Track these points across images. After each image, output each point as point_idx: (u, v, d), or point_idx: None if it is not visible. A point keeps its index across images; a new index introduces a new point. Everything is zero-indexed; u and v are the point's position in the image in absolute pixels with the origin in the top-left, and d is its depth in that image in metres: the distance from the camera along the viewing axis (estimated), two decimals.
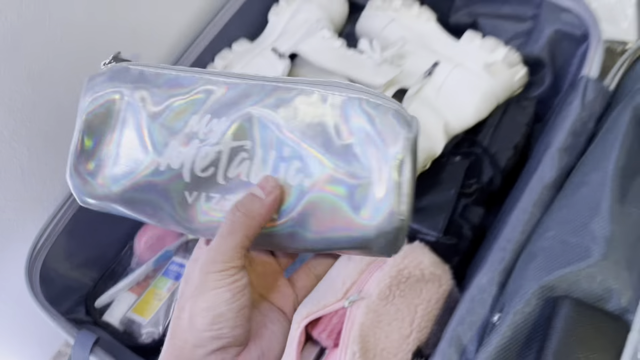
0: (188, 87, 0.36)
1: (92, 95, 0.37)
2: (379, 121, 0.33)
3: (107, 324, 0.68)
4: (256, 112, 0.35)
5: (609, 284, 0.50)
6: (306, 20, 0.79)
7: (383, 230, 0.34)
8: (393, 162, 0.33)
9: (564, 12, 0.71)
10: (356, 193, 0.34)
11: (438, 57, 0.73)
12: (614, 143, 0.58)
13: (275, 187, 0.34)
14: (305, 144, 0.34)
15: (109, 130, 0.37)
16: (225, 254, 0.33)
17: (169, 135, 0.36)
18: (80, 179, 0.37)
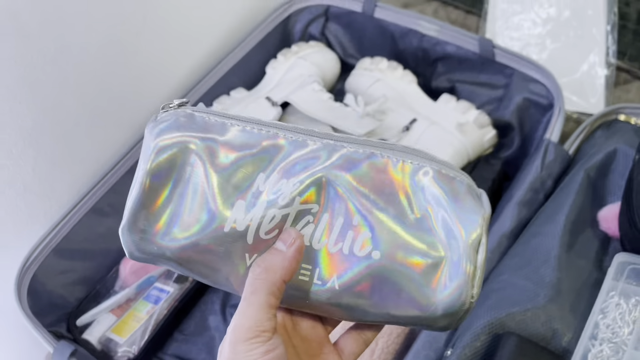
0: (256, 141, 0.34)
1: (158, 146, 0.33)
2: (454, 196, 0.32)
3: (87, 342, 0.71)
4: (326, 174, 0.33)
5: (553, 324, 0.54)
6: (300, 74, 0.87)
7: (450, 311, 0.32)
8: (470, 242, 0.32)
9: (533, 82, 0.78)
10: (427, 270, 0.32)
11: (416, 115, 0.80)
12: (566, 199, 0.64)
13: (296, 237, 0.33)
14: (377, 215, 0.33)
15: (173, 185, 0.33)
16: (252, 318, 0.31)
17: (235, 194, 0.33)
18: (138, 234, 0.34)
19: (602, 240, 0.63)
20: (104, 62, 0.71)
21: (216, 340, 0.74)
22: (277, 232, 0.33)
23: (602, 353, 0.52)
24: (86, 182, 0.75)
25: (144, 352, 0.70)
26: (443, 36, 0.83)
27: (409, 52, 0.88)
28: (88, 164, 0.75)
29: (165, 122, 0.34)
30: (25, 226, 0.70)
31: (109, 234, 0.77)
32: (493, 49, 0.80)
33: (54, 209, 0.73)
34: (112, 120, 0.76)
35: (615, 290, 0.55)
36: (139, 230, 0.34)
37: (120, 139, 0.78)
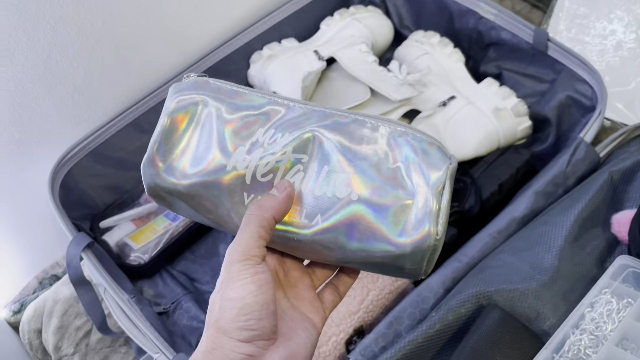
0: (258, 105, 0.41)
1: (177, 98, 0.40)
2: (423, 152, 0.38)
3: (105, 242, 0.77)
4: (316, 131, 0.39)
5: (539, 308, 0.55)
6: (352, 35, 0.88)
7: (419, 248, 0.37)
8: (435, 187, 0.37)
9: (580, 82, 0.77)
10: (399, 212, 0.37)
11: (455, 93, 0.80)
12: (584, 196, 0.64)
13: (288, 186, 0.38)
14: (357, 163, 0.38)
15: (187, 130, 0.40)
16: (243, 244, 0.36)
17: (237, 141, 0.39)
18: (154, 169, 0.40)
19: (610, 242, 0.63)
20: None
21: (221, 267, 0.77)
22: (272, 176, 0.39)
23: (580, 342, 0.52)
24: (131, 97, 0.80)
25: (154, 261, 0.75)
26: (500, 21, 0.83)
27: (464, 33, 0.88)
28: (136, 80, 0.79)
29: (186, 84, 0.42)
30: (68, 124, 0.75)
31: (144, 149, 0.80)
32: (547, 41, 0.79)
33: (97, 115, 0.77)
34: (163, 45, 0.80)
35: (609, 288, 0.55)
36: (154, 166, 0.40)
37: (168, 64, 0.82)
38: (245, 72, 0.88)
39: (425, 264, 0.38)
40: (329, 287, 0.44)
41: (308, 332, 0.39)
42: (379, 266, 0.39)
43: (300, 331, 0.39)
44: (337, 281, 0.44)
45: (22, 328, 0.76)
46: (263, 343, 0.36)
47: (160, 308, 0.71)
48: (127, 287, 0.69)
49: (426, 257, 0.37)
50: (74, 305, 0.75)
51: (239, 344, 0.35)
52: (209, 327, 0.36)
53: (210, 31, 0.85)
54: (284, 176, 0.39)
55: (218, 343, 0.35)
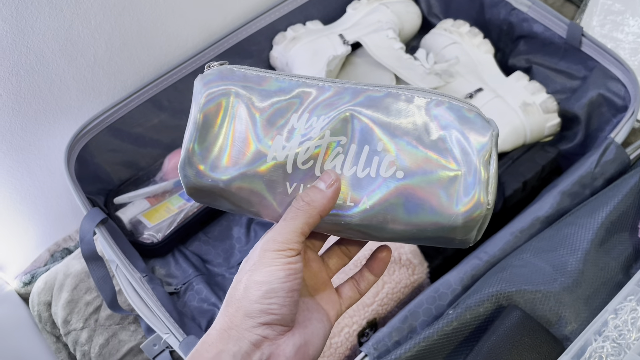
0: (287, 89, 0.39)
1: (207, 92, 0.39)
2: (464, 120, 0.36)
3: (119, 219, 0.76)
4: (351, 110, 0.38)
5: (560, 311, 0.54)
6: (379, 20, 0.86)
7: (470, 218, 0.36)
8: (482, 155, 0.35)
9: (613, 80, 0.75)
10: (448, 183, 0.36)
11: (483, 85, 0.78)
12: (613, 199, 0.61)
13: (335, 180, 0.37)
14: (398, 139, 0.37)
15: (221, 124, 0.39)
16: (285, 236, 0.36)
17: (273, 130, 0.38)
18: (193, 169, 0.39)
19: (637, 247, 0.61)
20: None
21: (235, 249, 0.76)
22: (312, 162, 0.38)
23: (602, 349, 0.51)
24: (151, 73, 0.78)
25: (167, 241, 0.74)
26: (533, 13, 0.80)
27: (494, 24, 0.86)
28: (157, 55, 0.78)
29: (211, 75, 0.40)
30: (87, 97, 0.74)
31: (162, 126, 0.80)
32: (582, 37, 0.76)
33: (117, 89, 0.76)
34: (187, 20, 0.78)
35: (635, 295, 0.53)
36: (194, 166, 0.39)
37: (190, 41, 0.80)
38: (268, 53, 0.87)
39: (475, 233, 0.37)
40: (350, 282, 0.43)
41: (322, 324, 0.39)
42: (428, 239, 0.38)
43: (315, 321, 0.39)
44: (360, 277, 0.43)
45: (32, 300, 0.76)
46: (280, 328, 0.36)
47: (172, 288, 0.71)
48: (139, 265, 0.68)
49: (477, 226, 0.36)
50: (84, 280, 0.75)
51: (257, 325, 0.35)
52: (230, 304, 0.36)
53: (235, 9, 0.83)
54: (325, 161, 0.38)
55: (236, 322, 0.35)
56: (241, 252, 0.76)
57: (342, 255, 0.43)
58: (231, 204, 0.40)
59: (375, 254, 0.43)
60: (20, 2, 0.61)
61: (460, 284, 0.59)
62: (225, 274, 0.74)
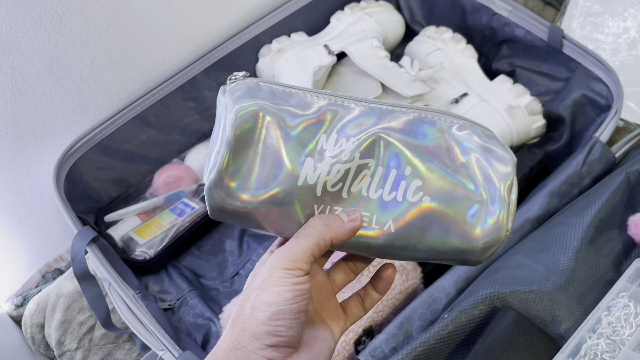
0: (315, 106, 0.38)
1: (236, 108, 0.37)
2: (487, 147, 0.37)
3: (110, 237, 0.75)
4: (380, 132, 0.38)
5: (555, 310, 0.54)
6: (363, 30, 0.87)
7: (489, 243, 0.37)
8: (505, 182, 0.37)
9: (595, 80, 0.76)
10: (472, 208, 0.37)
11: (468, 90, 0.79)
12: (601, 197, 0.62)
13: (358, 218, 0.37)
14: (426, 163, 0.37)
15: (253, 144, 0.37)
16: (296, 254, 0.35)
17: (304, 152, 0.37)
18: (223, 191, 0.37)
19: (626, 244, 0.61)
20: None
21: (228, 263, 0.76)
22: (341, 185, 0.38)
23: (597, 347, 0.51)
24: (138, 89, 0.79)
25: (160, 257, 0.73)
26: (514, 18, 0.82)
27: (477, 29, 0.87)
28: (143, 72, 0.78)
29: (240, 90, 0.38)
30: (75, 116, 0.74)
31: (150, 142, 0.80)
32: (562, 39, 0.77)
33: (104, 107, 0.76)
34: (172, 36, 0.78)
35: (626, 291, 0.54)
36: (225, 187, 0.37)
37: (176, 56, 0.80)
38: (254, 66, 0.87)
39: (488, 255, 0.38)
40: (355, 298, 0.43)
41: (327, 343, 0.39)
42: (445, 259, 0.39)
43: (320, 340, 0.39)
44: (365, 294, 0.43)
45: (25, 322, 0.75)
46: (287, 350, 0.35)
47: (166, 304, 0.70)
48: (132, 282, 0.67)
49: (492, 249, 0.38)
50: (77, 299, 0.74)
51: (263, 347, 0.34)
52: (236, 323, 0.35)
53: (220, 23, 0.84)
54: (352, 184, 0.38)
55: (242, 342, 0.35)
56: (234, 264, 0.76)
57: (348, 271, 0.43)
58: (255, 224, 0.39)
59: (379, 273, 0.43)
60: (3, 23, 0.61)
61: (454, 288, 0.60)
62: (219, 288, 0.74)
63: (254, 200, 0.37)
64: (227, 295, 0.72)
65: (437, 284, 0.60)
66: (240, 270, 0.75)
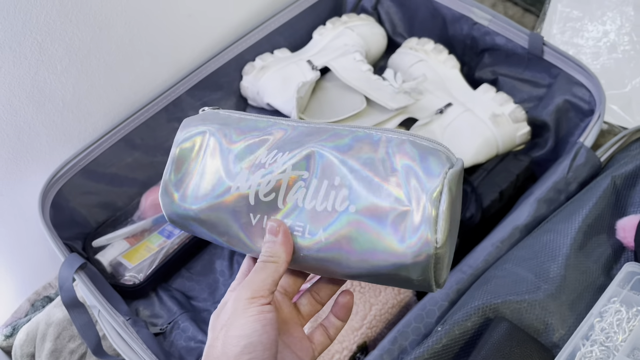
0: (262, 129, 0.42)
1: (186, 130, 0.44)
2: (421, 158, 0.37)
3: (98, 262, 0.74)
4: (315, 147, 0.39)
5: (547, 319, 0.54)
6: (345, 44, 0.87)
7: (419, 257, 0.36)
8: (431, 193, 0.35)
9: (577, 85, 0.76)
10: (397, 220, 0.36)
11: (452, 100, 0.79)
12: (588, 202, 0.62)
13: (279, 225, 0.39)
14: (355, 174, 0.38)
15: (194, 159, 0.43)
16: (257, 284, 0.37)
17: (240, 164, 0.41)
18: (169, 198, 0.43)
19: (615, 248, 0.62)
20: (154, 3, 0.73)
21: (219, 284, 0.76)
22: (274, 195, 0.40)
23: (591, 354, 0.51)
24: (121, 112, 0.78)
25: (150, 280, 0.73)
26: (494, 26, 0.82)
27: (458, 39, 0.87)
28: (126, 95, 0.78)
29: (195, 118, 0.45)
30: (58, 142, 0.73)
31: (136, 165, 0.80)
32: (543, 46, 0.78)
33: (88, 131, 0.76)
34: (155, 58, 0.78)
35: (618, 296, 0.54)
36: (170, 195, 0.43)
37: (159, 77, 0.80)
38: (238, 84, 0.87)
39: (432, 274, 0.37)
40: (320, 328, 0.44)
41: None
42: (386, 279, 0.39)
43: None
44: (328, 324, 0.44)
45: (15, 352, 0.74)
46: None
47: (157, 328, 0.69)
48: (121, 308, 0.67)
49: (430, 267, 0.36)
50: (67, 327, 0.73)
51: None
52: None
53: (202, 43, 0.83)
54: (287, 194, 0.39)
55: None
56: (225, 285, 0.75)
57: (314, 302, 0.44)
58: (207, 232, 0.43)
59: (337, 300, 0.43)
60: None
61: (446, 299, 0.59)
62: (211, 309, 0.73)
63: (194, 208, 0.42)
64: None
65: (429, 296, 0.60)
66: None
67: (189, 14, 0.79)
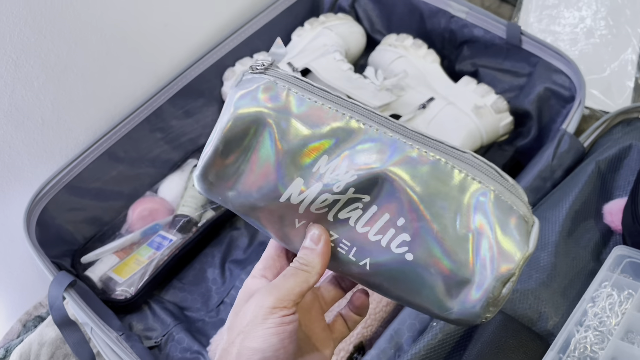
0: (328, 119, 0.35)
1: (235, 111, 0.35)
2: (502, 226, 0.32)
3: (88, 278, 0.74)
4: (387, 174, 0.34)
5: (540, 307, 0.54)
6: (324, 44, 0.87)
7: (462, 321, 0.34)
8: (500, 276, 0.32)
9: (557, 73, 0.77)
10: (452, 284, 0.34)
11: (434, 94, 0.79)
12: (574, 189, 0.63)
13: (323, 233, 0.36)
14: (422, 222, 0.33)
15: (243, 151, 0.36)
16: (282, 292, 0.35)
17: (296, 170, 0.35)
18: (207, 184, 0.37)
19: (603, 232, 0.62)
20: (128, 10, 0.72)
21: (212, 292, 0.75)
22: (326, 210, 0.36)
23: (586, 339, 0.51)
24: (103, 126, 0.77)
25: (141, 293, 0.72)
26: (471, 19, 0.82)
27: (436, 33, 0.88)
28: (106, 108, 0.77)
29: (247, 89, 0.35)
30: (40, 160, 0.72)
31: (121, 178, 0.79)
32: (521, 35, 0.78)
33: (69, 147, 0.75)
34: (133, 69, 0.78)
35: (608, 280, 0.54)
36: (208, 182, 0.37)
37: (139, 88, 0.79)
38: (219, 90, 0.87)
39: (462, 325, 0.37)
40: (339, 318, 0.42)
41: None
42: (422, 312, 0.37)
43: None
44: (347, 316, 0.43)
45: None
46: None
47: (152, 342, 0.69)
48: (114, 324, 0.66)
49: (466, 324, 0.35)
50: (60, 347, 0.72)
51: None
52: None
53: (181, 50, 0.83)
54: (340, 211, 0.36)
55: None
56: (218, 293, 0.75)
57: (339, 288, 0.43)
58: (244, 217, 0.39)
59: (352, 300, 0.42)
60: None
61: None
62: (205, 318, 0.73)
63: (234, 202, 0.37)
64: (214, 325, 0.71)
65: None
66: (225, 299, 0.74)
67: (165, 24, 0.78)
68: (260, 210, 0.37)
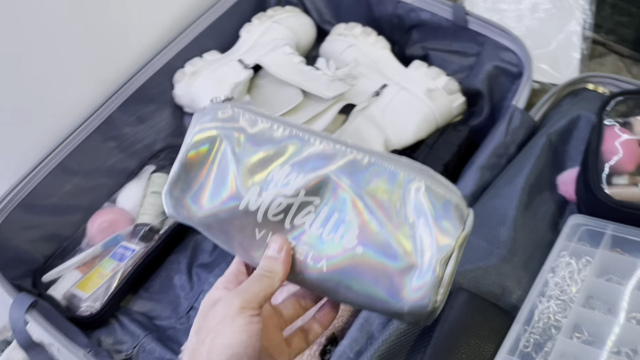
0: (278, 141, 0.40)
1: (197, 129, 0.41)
2: (439, 213, 0.36)
3: (51, 297, 0.72)
4: (332, 175, 0.39)
5: (503, 282, 0.55)
6: (274, 38, 0.86)
7: (415, 311, 0.37)
8: (442, 255, 0.36)
9: (504, 50, 0.78)
10: (402, 269, 0.37)
11: (387, 81, 0.80)
12: (527, 163, 0.64)
13: (283, 243, 0.39)
14: (368, 214, 0.38)
15: (203, 165, 0.41)
16: (249, 294, 0.37)
17: (252, 179, 0.40)
18: (173, 200, 0.42)
19: (559, 203, 0.64)
20: (73, 17, 0.70)
21: (180, 299, 0.74)
22: (283, 215, 0.40)
23: (549, 309, 0.52)
24: (53, 139, 0.75)
25: (108, 307, 0.71)
26: (418, 2, 0.83)
27: (385, 19, 0.88)
28: (55, 121, 0.75)
29: (208, 114, 0.42)
30: None
31: (77, 191, 0.77)
32: (466, 15, 0.79)
33: (19, 164, 0.73)
34: (79, 78, 0.76)
35: (566, 250, 0.56)
36: (175, 197, 0.42)
37: (87, 98, 0.78)
38: (171, 93, 0.85)
39: (424, 321, 0.38)
40: (299, 333, 0.44)
41: None
42: (379, 313, 0.40)
43: None
44: (309, 329, 0.44)
45: None
46: None
47: (122, 355, 0.68)
48: (81, 341, 0.64)
49: (424, 318, 0.38)
50: None
51: None
52: None
53: (128, 56, 0.81)
54: (295, 216, 0.39)
55: None
56: (187, 299, 0.74)
57: (297, 307, 0.44)
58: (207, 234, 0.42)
59: (322, 307, 0.44)
60: None
61: None
62: (176, 326, 0.72)
63: (198, 214, 0.41)
64: (185, 332, 0.70)
65: None
66: (194, 304, 0.73)
67: (107, 28, 0.76)
68: (222, 223, 0.41)
